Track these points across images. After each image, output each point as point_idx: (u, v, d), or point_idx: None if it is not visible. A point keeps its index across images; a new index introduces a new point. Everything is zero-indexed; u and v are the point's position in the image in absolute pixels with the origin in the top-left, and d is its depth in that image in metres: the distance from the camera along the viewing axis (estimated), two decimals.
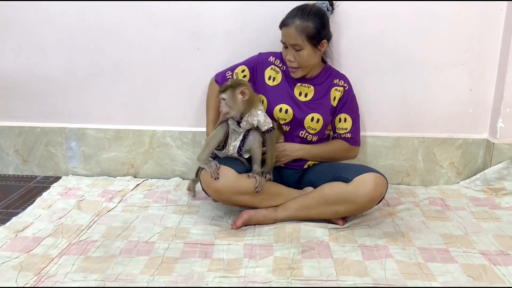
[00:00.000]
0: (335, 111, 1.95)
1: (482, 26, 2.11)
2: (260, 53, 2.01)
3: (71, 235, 1.73)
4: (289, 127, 1.95)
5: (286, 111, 1.91)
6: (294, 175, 1.98)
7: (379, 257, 1.58)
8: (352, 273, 1.49)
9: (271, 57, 1.98)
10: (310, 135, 1.94)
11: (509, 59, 2.08)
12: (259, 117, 1.77)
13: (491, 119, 2.22)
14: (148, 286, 1.42)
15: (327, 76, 1.95)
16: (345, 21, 2.11)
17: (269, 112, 1.91)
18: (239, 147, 1.81)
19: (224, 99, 1.73)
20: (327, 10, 1.93)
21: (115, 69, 2.24)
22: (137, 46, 2.20)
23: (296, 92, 1.93)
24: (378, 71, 2.18)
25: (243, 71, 1.98)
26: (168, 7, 2.13)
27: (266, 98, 1.94)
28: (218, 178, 1.71)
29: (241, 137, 1.81)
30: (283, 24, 1.83)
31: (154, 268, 1.51)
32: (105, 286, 1.41)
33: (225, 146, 1.83)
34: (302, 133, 1.94)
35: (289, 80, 1.95)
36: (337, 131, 1.96)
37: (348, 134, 1.95)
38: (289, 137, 1.96)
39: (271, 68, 1.96)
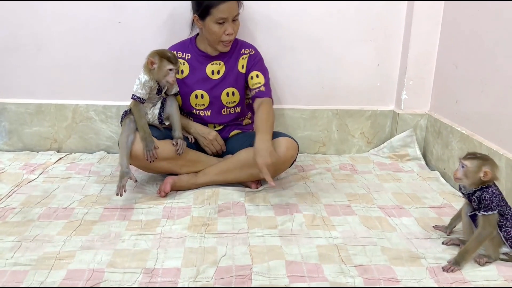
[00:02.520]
0: (246, 76, 2.02)
1: (387, 5, 2.29)
2: None
3: None
4: (210, 111, 2.02)
5: (202, 96, 1.99)
6: None
7: (289, 213, 1.72)
8: (263, 226, 1.62)
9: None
10: (232, 109, 2.04)
11: (411, 35, 2.27)
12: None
13: (396, 91, 2.42)
14: (63, 245, 1.46)
15: (235, 47, 2.02)
16: (263, 3, 2.22)
17: (186, 104, 1.99)
18: (159, 113, 1.88)
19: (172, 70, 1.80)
20: None
21: (34, 42, 2.22)
22: (56, 19, 2.19)
23: (208, 72, 2.00)
24: (294, 48, 2.31)
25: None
26: None
27: (180, 92, 1.97)
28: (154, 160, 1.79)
29: (159, 105, 1.88)
30: (222, 0, 1.84)
31: (72, 230, 1.56)
32: (21, 246, 1.45)
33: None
34: (224, 111, 2.03)
35: (197, 65, 2.00)
36: (251, 87, 1.98)
37: (263, 87, 1.96)
38: (215, 119, 2.03)
39: None
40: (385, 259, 1.44)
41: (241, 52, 2.03)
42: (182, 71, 2.00)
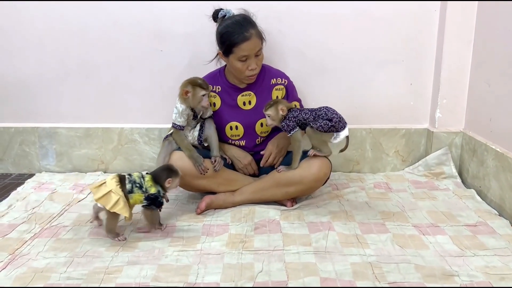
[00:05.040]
0: None
1: (418, 25, 2.33)
2: None
3: (43, 221, 1.88)
4: (244, 141, 2.10)
5: (237, 127, 2.07)
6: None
7: (323, 231, 1.77)
8: (297, 243, 1.68)
9: None
10: (264, 138, 2.12)
11: (443, 55, 2.30)
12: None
13: (430, 110, 2.45)
14: (112, 260, 1.57)
15: (263, 76, 2.08)
16: (291, 24, 2.32)
17: (222, 135, 2.07)
18: (199, 135, 2.00)
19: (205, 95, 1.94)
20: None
21: (82, 70, 2.40)
22: (102, 48, 2.36)
23: (240, 103, 2.07)
24: (325, 69, 2.39)
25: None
26: (129, 12, 2.31)
27: (215, 123, 2.05)
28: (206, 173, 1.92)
29: (198, 127, 2.01)
30: (242, 40, 1.88)
31: (119, 246, 1.67)
32: (73, 261, 1.56)
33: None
34: (258, 140, 2.11)
35: (228, 97, 2.07)
36: None
37: None
38: (250, 148, 2.11)
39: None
40: (418, 276, 1.47)
41: (272, 82, 2.08)
42: (214, 104, 2.07)
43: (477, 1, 2.21)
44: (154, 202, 1.72)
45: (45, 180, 2.37)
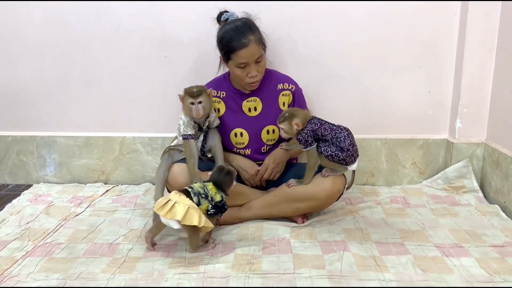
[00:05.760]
0: None
1: (437, 30, 2.20)
2: None
3: (37, 238, 1.76)
4: (249, 149, 1.98)
5: (241, 134, 1.96)
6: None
7: (337, 251, 1.63)
8: (309, 266, 1.54)
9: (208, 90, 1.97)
10: (270, 146, 2.00)
11: (464, 61, 2.16)
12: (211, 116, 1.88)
13: (450, 119, 2.30)
14: (107, 283, 1.45)
15: (269, 81, 1.98)
16: (305, 30, 2.19)
17: (226, 142, 1.97)
18: (202, 146, 1.87)
19: (200, 102, 1.79)
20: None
21: (84, 78, 2.29)
22: (104, 56, 2.26)
23: (245, 109, 1.96)
24: (338, 77, 2.26)
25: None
26: (133, 17, 2.20)
27: (219, 130, 1.96)
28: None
29: (201, 138, 1.89)
30: (240, 47, 1.78)
31: (116, 267, 1.55)
32: (65, 284, 1.44)
33: None
34: (263, 149, 1.99)
35: (233, 103, 1.97)
36: None
37: None
38: (254, 159, 1.99)
39: (213, 101, 1.95)
40: None
41: (279, 87, 1.97)
42: (219, 110, 1.97)
43: (500, 1, 2.07)
44: (221, 210, 1.64)
45: (43, 191, 2.26)
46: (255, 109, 1.96)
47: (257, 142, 1.98)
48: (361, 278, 1.47)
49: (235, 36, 1.80)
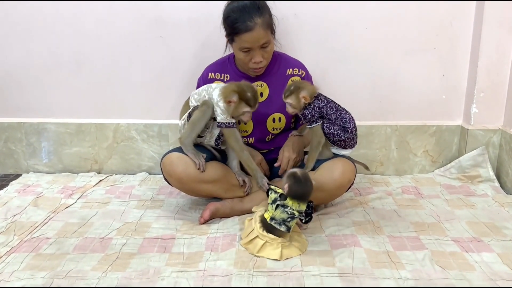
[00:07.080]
0: None
1: (453, 10, 2.06)
2: (200, 77, 1.87)
3: (23, 232, 1.63)
4: (253, 138, 1.87)
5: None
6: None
7: (347, 246, 1.51)
8: (318, 263, 1.41)
9: (210, 73, 1.85)
10: (275, 136, 1.88)
11: (481, 43, 2.03)
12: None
13: (465, 104, 2.17)
14: (98, 283, 1.32)
15: (278, 65, 1.85)
16: (312, 11, 2.06)
17: None
18: (218, 136, 1.71)
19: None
20: None
21: (74, 61, 2.16)
22: (96, 36, 2.12)
23: None
24: (347, 60, 2.12)
25: None
26: None
27: None
28: (204, 171, 1.64)
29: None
30: (245, 30, 1.64)
31: (108, 264, 1.42)
32: (52, 283, 1.32)
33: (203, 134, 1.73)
34: (268, 138, 1.88)
35: None
36: None
37: None
38: (259, 147, 1.88)
39: None
40: None
41: (288, 72, 1.84)
42: None
43: None
44: (311, 215, 1.50)
45: (32, 181, 2.13)
46: (261, 94, 1.82)
47: (261, 130, 1.85)
48: (375, 276, 1.34)
49: (240, 17, 1.65)
